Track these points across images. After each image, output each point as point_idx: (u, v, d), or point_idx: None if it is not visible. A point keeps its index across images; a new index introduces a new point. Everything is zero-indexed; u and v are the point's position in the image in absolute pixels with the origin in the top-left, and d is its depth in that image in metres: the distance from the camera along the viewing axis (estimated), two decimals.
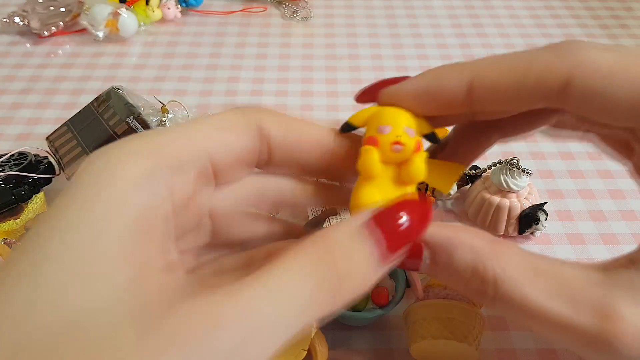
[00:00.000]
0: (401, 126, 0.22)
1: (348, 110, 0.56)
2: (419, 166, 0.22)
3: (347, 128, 0.24)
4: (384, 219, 0.19)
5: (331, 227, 0.18)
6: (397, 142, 0.22)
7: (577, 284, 0.19)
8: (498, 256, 0.20)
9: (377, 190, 0.22)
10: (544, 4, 0.75)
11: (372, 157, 0.22)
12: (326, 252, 0.17)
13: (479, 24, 0.71)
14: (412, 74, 0.24)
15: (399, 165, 0.22)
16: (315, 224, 0.37)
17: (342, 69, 0.62)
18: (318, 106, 0.56)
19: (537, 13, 0.73)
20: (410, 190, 0.23)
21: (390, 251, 0.18)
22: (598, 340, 0.18)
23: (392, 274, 0.35)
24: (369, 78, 0.60)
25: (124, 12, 0.64)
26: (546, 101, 0.21)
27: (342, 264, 0.17)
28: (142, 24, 0.67)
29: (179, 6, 0.70)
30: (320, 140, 0.22)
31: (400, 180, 0.22)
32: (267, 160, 0.21)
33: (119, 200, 0.16)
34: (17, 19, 0.65)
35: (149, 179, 0.17)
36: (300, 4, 0.72)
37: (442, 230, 0.21)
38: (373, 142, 0.22)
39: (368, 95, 0.24)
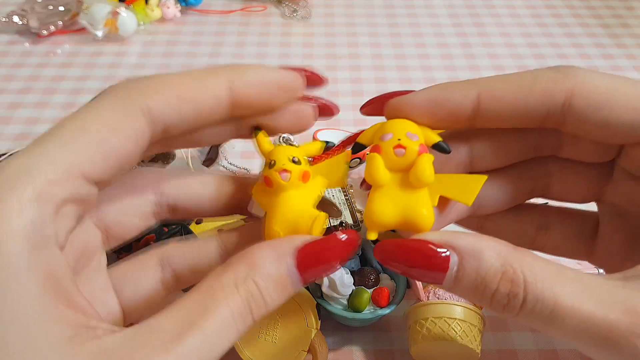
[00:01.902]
0: (402, 131, 0.22)
1: (348, 110, 0.55)
2: (425, 167, 0.22)
3: (358, 148, 0.24)
4: (305, 252, 0.20)
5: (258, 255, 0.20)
6: (399, 146, 0.22)
7: (602, 287, 0.19)
8: (524, 259, 0.20)
9: (389, 200, 0.22)
10: (545, 3, 0.74)
11: (376, 164, 0.22)
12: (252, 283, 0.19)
13: (479, 23, 0.70)
14: (412, 73, 0.24)
15: (407, 173, 0.22)
16: None
17: (342, 69, 0.62)
18: None
19: (538, 12, 0.72)
20: (423, 194, 0.22)
21: (304, 279, 0.20)
22: (630, 334, 0.18)
23: (392, 275, 0.35)
24: (369, 77, 0.60)
25: (123, 11, 0.64)
26: (548, 116, 0.22)
27: (266, 293, 0.19)
28: (141, 23, 0.67)
29: (178, 5, 0.70)
30: (218, 98, 0.21)
31: (410, 185, 0.22)
32: (163, 136, 0.21)
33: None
34: (15, 18, 0.65)
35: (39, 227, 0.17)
36: (300, 3, 0.72)
37: (467, 238, 0.21)
38: (376, 149, 0.22)
39: (373, 106, 0.25)
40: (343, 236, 0.21)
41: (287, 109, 0.23)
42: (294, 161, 0.22)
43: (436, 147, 0.23)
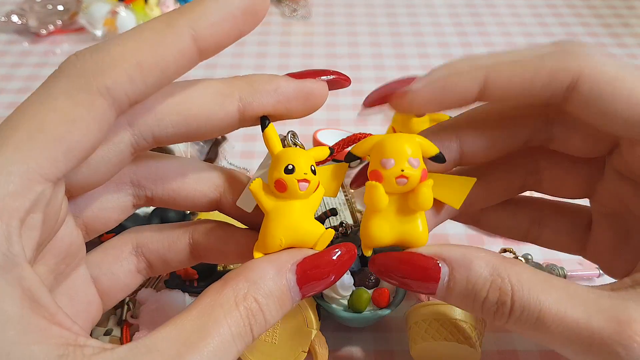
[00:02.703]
0: (405, 158, 0.22)
1: (348, 109, 0.56)
2: (426, 196, 0.22)
3: (350, 158, 0.24)
4: (305, 267, 0.20)
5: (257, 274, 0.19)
6: (402, 177, 0.22)
7: (588, 296, 0.20)
8: (512, 269, 0.20)
9: (386, 222, 0.22)
10: (546, 2, 0.74)
11: (378, 193, 0.22)
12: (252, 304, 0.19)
13: (480, 22, 0.70)
14: (413, 72, 0.23)
15: (406, 195, 0.22)
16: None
17: (343, 68, 0.61)
18: None
19: (539, 11, 0.72)
20: (420, 214, 0.23)
21: (303, 293, 0.20)
22: (612, 342, 0.19)
23: None
24: (370, 77, 0.60)
25: (122, 10, 0.64)
26: (552, 97, 0.22)
27: (266, 310, 0.19)
28: (140, 22, 0.66)
29: (177, 5, 0.70)
30: (184, 52, 0.19)
31: (408, 209, 0.22)
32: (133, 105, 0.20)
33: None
34: (14, 18, 0.65)
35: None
36: (300, 3, 0.72)
37: (457, 249, 0.21)
38: (377, 177, 0.22)
39: (377, 99, 0.24)
40: (341, 250, 0.21)
41: (297, 91, 0.22)
42: (312, 170, 0.22)
43: (434, 159, 0.23)
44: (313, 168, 0.22)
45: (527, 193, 0.29)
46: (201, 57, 0.20)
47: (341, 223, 0.35)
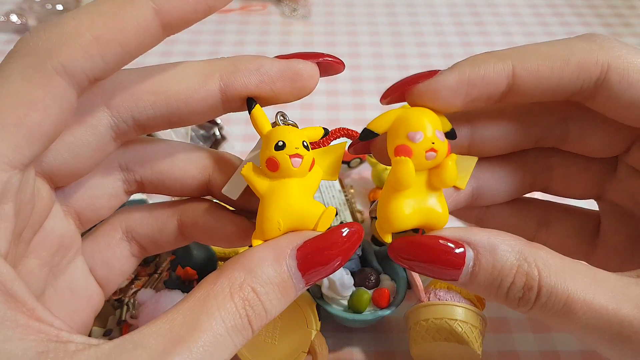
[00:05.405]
0: (431, 129, 0.21)
1: (348, 109, 0.56)
2: (453, 171, 0.21)
3: (368, 135, 0.22)
4: (307, 251, 0.19)
5: (254, 262, 0.18)
6: (432, 150, 0.20)
7: (615, 283, 0.19)
8: (538, 253, 0.20)
9: (409, 201, 0.21)
10: (546, 2, 0.74)
11: (408, 169, 0.20)
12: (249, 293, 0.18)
13: (480, 22, 0.70)
14: (413, 72, 0.23)
15: (429, 171, 0.21)
16: None
17: None
18: (318, 105, 0.56)
19: (540, 11, 0.72)
20: (438, 193, 0.21)
21: (306, 282, 0.19)
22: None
23: (392, 276, 0.35)
24: (370, 76, 0.60)
25: None
26: (581, 90, 0.21)
27: (265, 299, 0.18)
28: None
29: None
30: (145, 25, 0.18)
31: (430, 185, 0.21)
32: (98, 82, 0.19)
33: None
34: (14, 17, 0.65)
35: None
36: (299, 2, 0.72)
37: (481, 233, 0.20)
38: (407, 152, 0.20)
39: (395, 94, 0.23)
40: (346, 230, 0.19)
41: (282, 72, 0.21)
42: (304, 146, 0.20)
43: (448, 134, 0.22)
44: (305, 144, 0.20)
45: (533, 195, 0.28)
46: (166, 32, 0.19)
47: (341, 223, 0.35)
